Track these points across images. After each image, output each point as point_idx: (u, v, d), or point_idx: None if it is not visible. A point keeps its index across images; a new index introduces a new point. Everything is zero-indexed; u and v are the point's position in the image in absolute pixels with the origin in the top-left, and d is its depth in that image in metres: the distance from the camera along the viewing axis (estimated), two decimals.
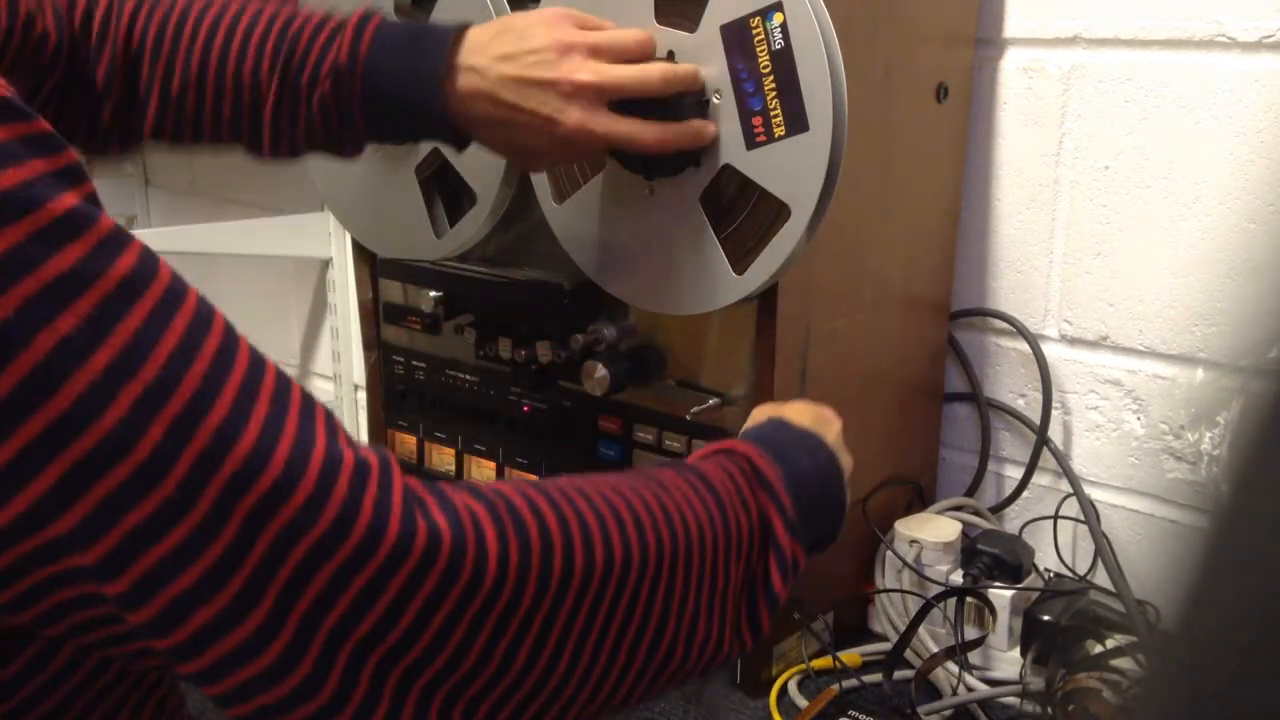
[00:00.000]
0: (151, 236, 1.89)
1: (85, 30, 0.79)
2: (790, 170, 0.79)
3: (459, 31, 0.78)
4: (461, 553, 0.48)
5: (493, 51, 0.77)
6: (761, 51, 0.78)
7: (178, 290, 0.46)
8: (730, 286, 0.84)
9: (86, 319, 0.43)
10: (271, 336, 1.86)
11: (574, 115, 0.75)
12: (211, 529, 0.44)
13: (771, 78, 0.78)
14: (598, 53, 0.77)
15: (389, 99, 0.79)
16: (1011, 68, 1.05)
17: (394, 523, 0.47)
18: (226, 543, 0.45)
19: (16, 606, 0.46)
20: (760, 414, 0.75)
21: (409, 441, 1.13)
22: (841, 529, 0.70)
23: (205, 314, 0.47)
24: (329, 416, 0.49)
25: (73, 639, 0.48)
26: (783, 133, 0.78)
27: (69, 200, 0.43)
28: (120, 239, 0.45)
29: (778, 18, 0.77)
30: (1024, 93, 1.04)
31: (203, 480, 0.44)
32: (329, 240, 1.62)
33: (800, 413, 0.73)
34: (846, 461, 0.72)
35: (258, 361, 0.48)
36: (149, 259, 0.46)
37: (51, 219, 0.43)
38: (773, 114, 0.79)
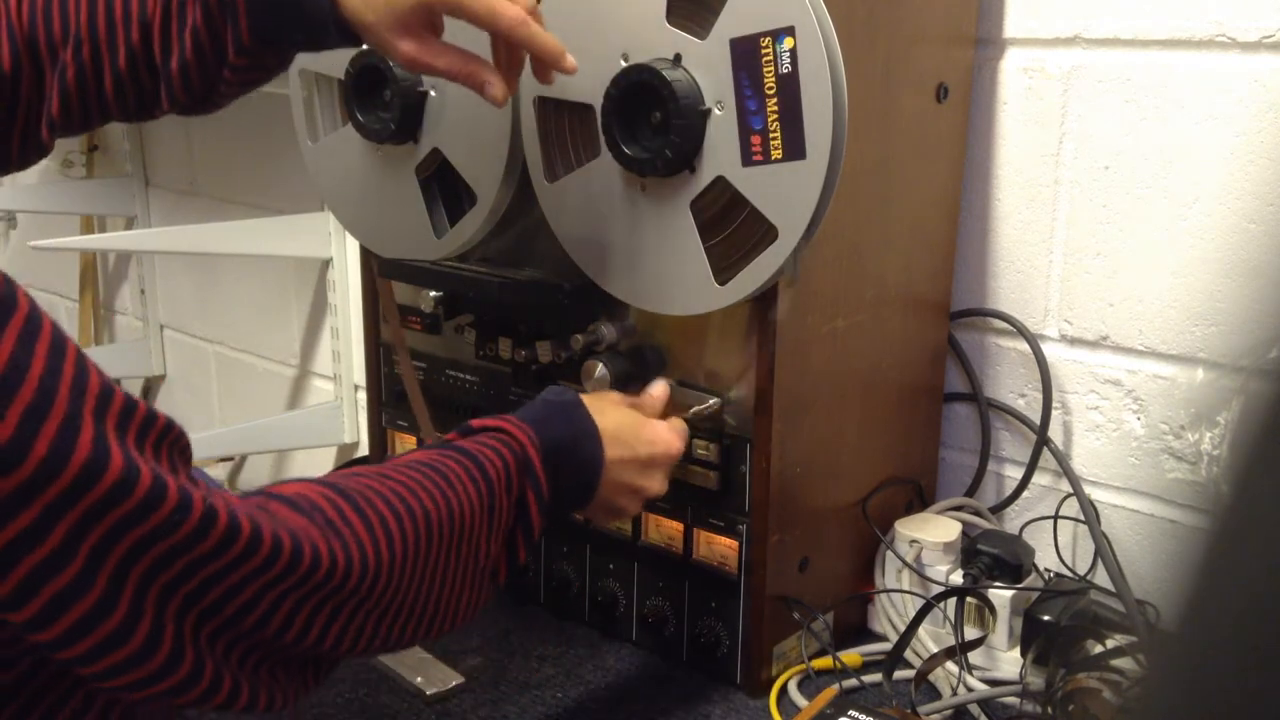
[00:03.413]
0: (151, 236, 1.89)
1: None
2: (783, 194, 0.79)
3: None
4: (297, 552, 0.58)
5: None
6: (768, 72, 0.78)
7: (35, 313, 0.50)
8: (711, 295, 0.85)
9: None
10: (271, 336, 1.86)
11: None
12: (81, 535, 0.50)
13: (775, 100, 0.78)
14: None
15: None
16: (1011, 68, 1.05)
17: (245, 525, 0.56)
18: (92, 545, 0.50)
19: None
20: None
21: (409, 441, 1.13)
22: (591, 498, 0.81)
23: (59, 336, 0.51)
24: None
25: None
26: (779, 156, 0.79)
27: None
28: None
29: (788, 42, 0.77)
30: (1024, 93, 1.04)
31: (77, 495, 0.49)
32: (329, 240, 1.62)
33: (601, 403, 0.84)
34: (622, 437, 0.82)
35: (103, 378, 0.53)
36: (8, 284, 0.49)
37: None
38: (772, 136, 0.79)
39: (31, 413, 0.48)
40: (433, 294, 1.01)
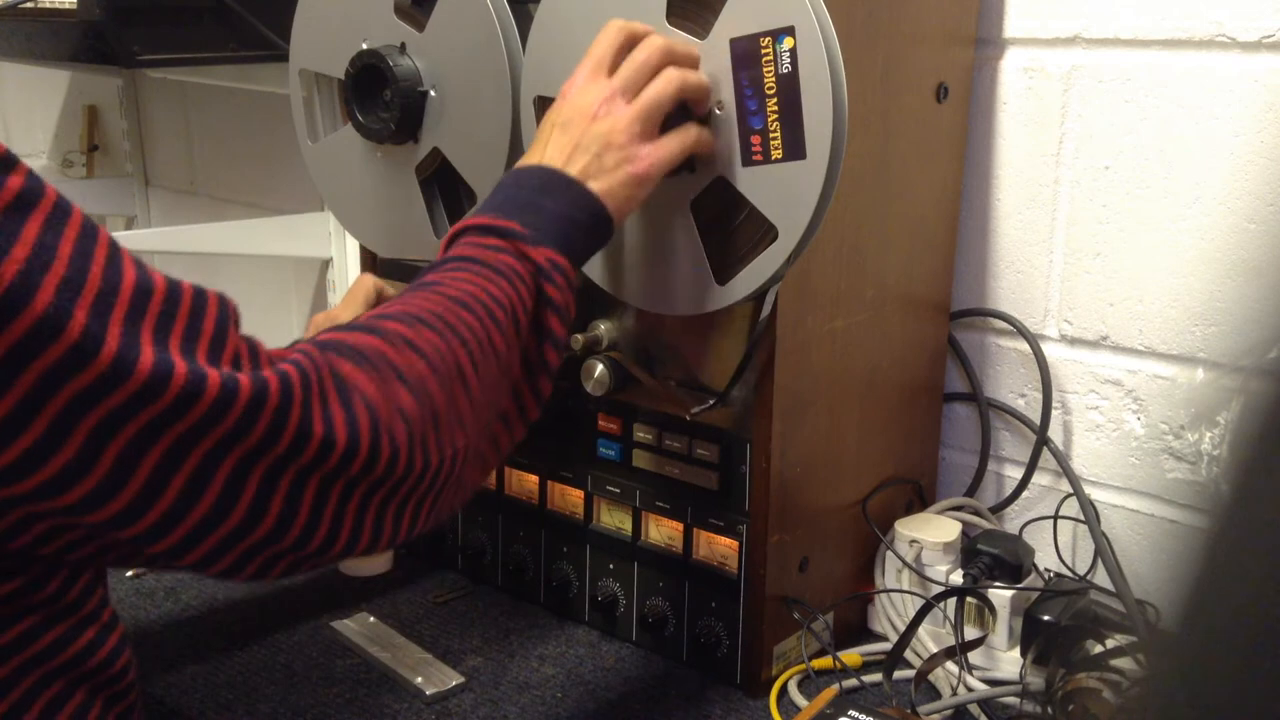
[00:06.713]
0: (151, 236, 1.89)
1: None
2: (782, 194, 0.79)
3: None
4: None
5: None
6: (768, 72, 0.78)
7: (64, 204, 0.52)
8: (712, 295, 0.85)
9: None
10: (271, 336, 1.86)
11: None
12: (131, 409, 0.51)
13: (775, 100, 0.78)
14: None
15: None
16: (1011, 68, 1.05)
17: (243, 391, 0.57)
18: (90, 428, 0.51)
19: None
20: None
21: None
22: (595, 210, 0.77)
23: (90, 225, 0.52)
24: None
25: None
26: (779, 156, 0.79)
27: None
28: (9, 162, 0.50)
29: (788, 42, 0.77)
30: (1024, 93, 1.04)
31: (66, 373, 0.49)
32: (329, 240, 1.62)
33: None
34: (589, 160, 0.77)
35: (141, 274, 0.54)
36: (35, 179, 0.51)
37: None
38: (772, 136, 0.79)
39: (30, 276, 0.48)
40: None
